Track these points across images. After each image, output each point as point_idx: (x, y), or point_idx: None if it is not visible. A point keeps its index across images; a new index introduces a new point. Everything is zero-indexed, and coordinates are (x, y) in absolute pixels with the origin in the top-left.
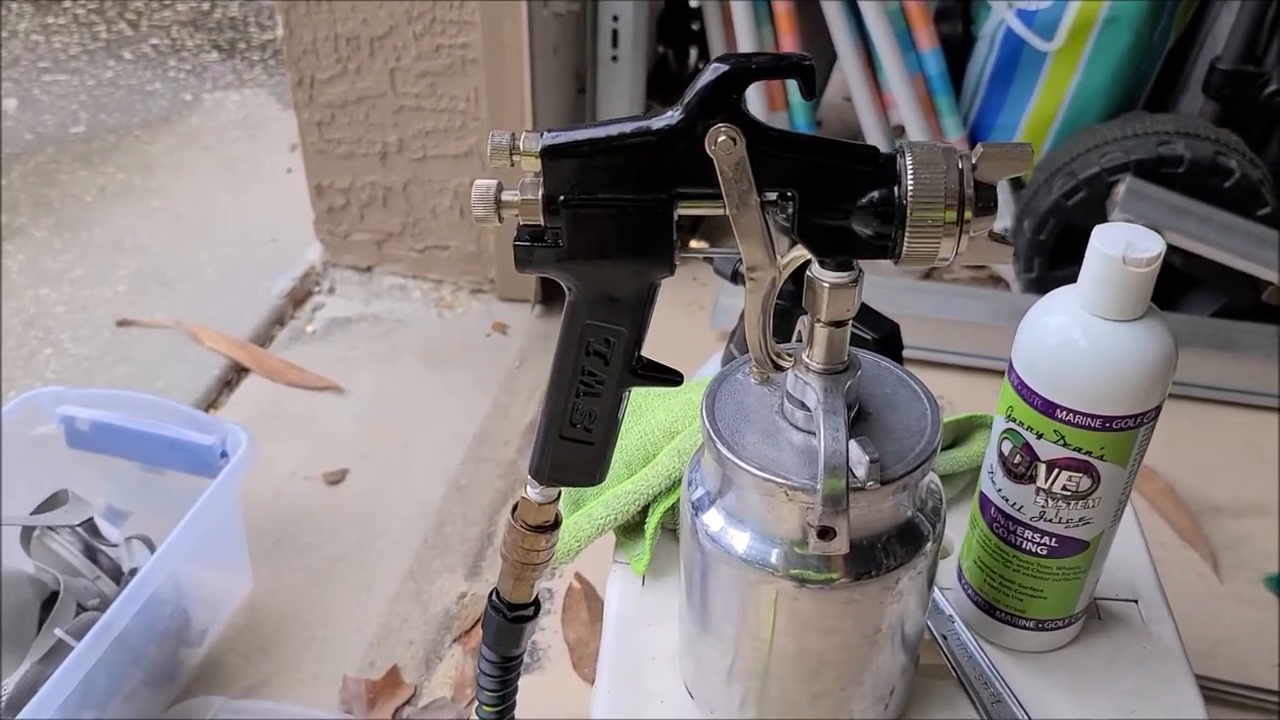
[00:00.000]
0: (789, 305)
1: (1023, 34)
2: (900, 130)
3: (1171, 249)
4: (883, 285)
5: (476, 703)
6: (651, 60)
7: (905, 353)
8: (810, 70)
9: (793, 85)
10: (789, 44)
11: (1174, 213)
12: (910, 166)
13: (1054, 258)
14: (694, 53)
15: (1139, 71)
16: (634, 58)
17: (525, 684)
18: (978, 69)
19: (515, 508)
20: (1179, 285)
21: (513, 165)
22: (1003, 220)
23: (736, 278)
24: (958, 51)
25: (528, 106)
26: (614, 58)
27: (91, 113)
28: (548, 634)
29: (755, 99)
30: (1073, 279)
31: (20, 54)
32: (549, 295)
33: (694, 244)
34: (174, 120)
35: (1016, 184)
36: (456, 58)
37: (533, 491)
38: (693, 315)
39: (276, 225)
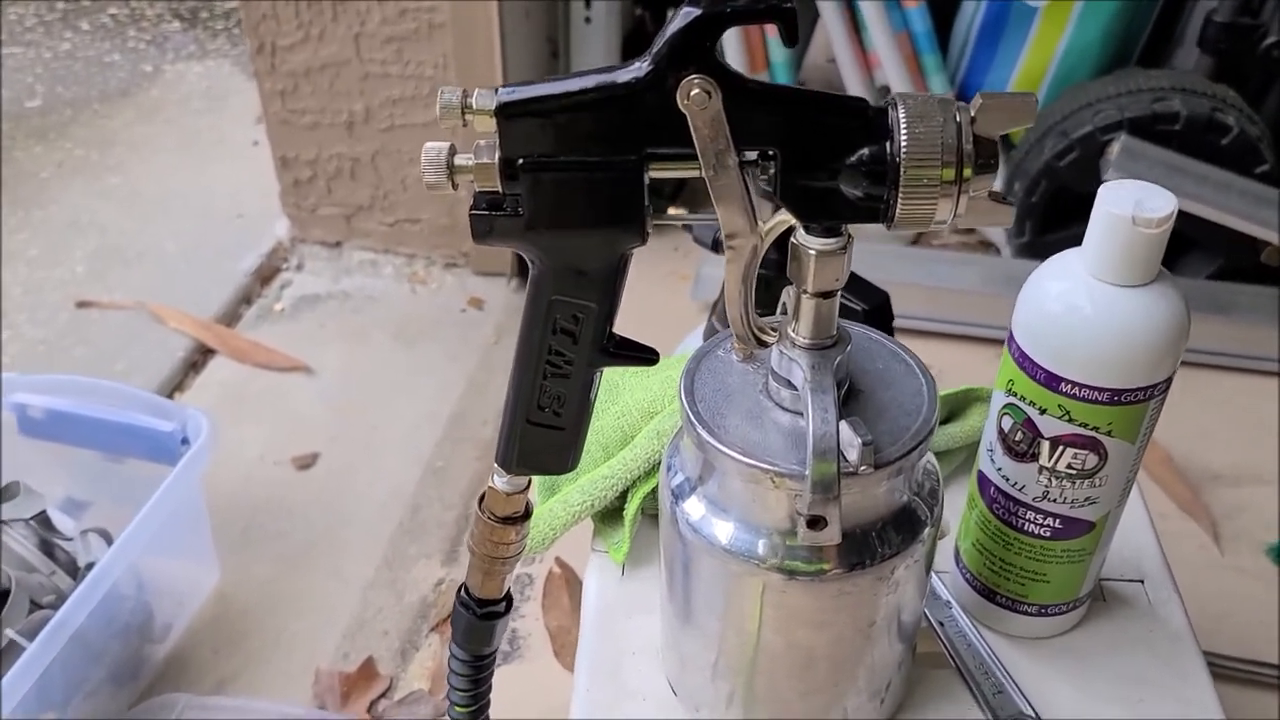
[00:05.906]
0: (772, 274)
1: None
2: (885, 92)
3: None
4: (867, 251)
5: (448, 702)
6: (628, 22)
7: (893, 322)
8: (791, 14)
9: (774, 44)
10: None
11: (1170, 172)
12: (903, 120)
13: (1046, 221)
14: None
15: (1132, 26)
16: (608, 19)
17: (505, 674)
18: (965, 26)
19: (482, 499)
20: (1175, 246)
21: (465, 126)
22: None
23: (717, 246)
24: (944, 8)
25: (498, 71)
26: (587, 19)
27: (48, 86)
28: (528, 621)
29: (734, 58)
30: (1065, 242)
31: None
32: (526, 269)
33: (671, 210)
34: (134, 93)
35: (1006, 144)
36: (423, 21)
37: (500, 481)
38: (673, 287)
39: (242, 200)
